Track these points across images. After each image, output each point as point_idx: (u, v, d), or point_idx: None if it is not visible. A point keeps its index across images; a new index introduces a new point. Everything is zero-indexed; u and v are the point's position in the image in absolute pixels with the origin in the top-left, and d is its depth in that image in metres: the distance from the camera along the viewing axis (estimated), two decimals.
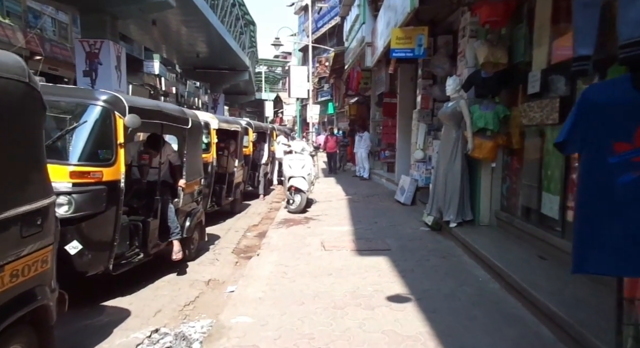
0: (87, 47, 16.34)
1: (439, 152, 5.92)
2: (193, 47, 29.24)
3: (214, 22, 24.57)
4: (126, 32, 25.68)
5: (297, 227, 6.48)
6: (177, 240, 4.42)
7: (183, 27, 24.38)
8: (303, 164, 7.73)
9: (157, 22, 21.77)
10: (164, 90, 40.44)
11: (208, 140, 6.47)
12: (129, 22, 22.24)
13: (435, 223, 6.12)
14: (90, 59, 16.44)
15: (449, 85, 5.62)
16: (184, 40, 27.62)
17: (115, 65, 16.92)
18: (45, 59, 20.70)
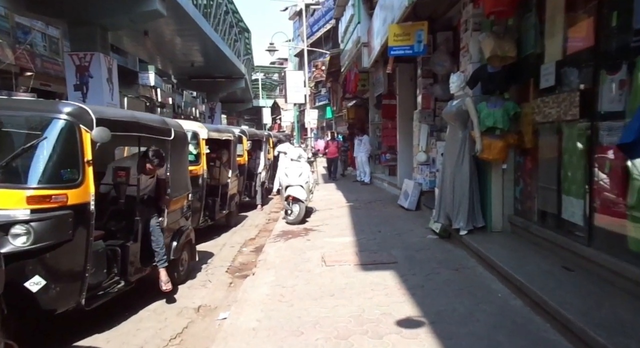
0: (77, 60, 16.04)
1: (444, 155, 5.52)
2: (187, 56, 29.02)
3: (208, 31, 24.30)
4: (119, 44, 25.45)
5: (296, 240, 6.07)
6: (164, 268, 4.00)
7: (177, 37, 24.14)
8: (300, 171, 7.33)
9: (150, 33, 21.51)
10: (160, 101, 40.15)
11: (197, 151, 6.07)
12: (121, 34, 22.02)
13: (443, 231, 5.71)
14: (80, 73, 16.13)
15: (453, 82, 5.23)
16: (178, 50, 27.40)
17: (107, 77, 16.61)
18: (37, 74, 20.40)
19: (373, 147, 13.42)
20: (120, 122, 3.45)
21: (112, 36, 22.68)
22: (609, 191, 3.37)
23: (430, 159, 8.25)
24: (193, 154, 6.05)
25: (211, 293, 4.44)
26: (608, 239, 3.37)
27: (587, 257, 3.52)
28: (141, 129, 3.72)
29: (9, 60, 19.57)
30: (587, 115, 3.53)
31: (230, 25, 34.04)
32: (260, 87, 61.77)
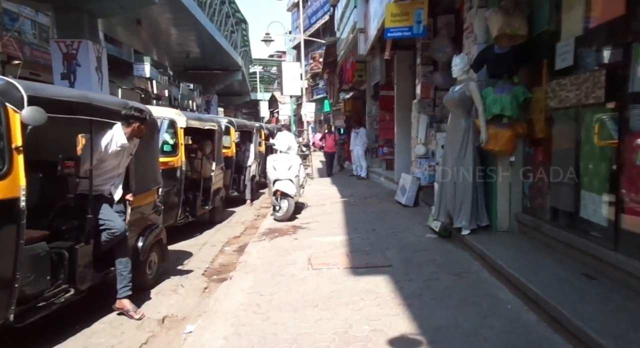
0: (64, 47, 15.42)
1: (445, 146, 4.99)
2: (183, 47, 28.43)
3: (203, 20, 23.69)
4: (114, 34, 24.86)
5: (283, 239, 5.56)
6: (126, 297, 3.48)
7: (171, 27, 23.54)
8: (289, 164, 6.80)
9: (144, 22, 20.90)
10: (155, 93, 39.55)
11: (174, 141, 5.54)
12: (115, 23, 21.42)
13: (443, 230, 5.20)
14: (67, 61, 15.52)
15: (456, 65, 4.70)
16: (173, 40, 26.81)
17: (96, 66, 15.99)
18: (26, 63, 19.80)
19: (370, 140, 12.90)
20: (65, 102, 2.91)
21: (105, 25, 22.20)
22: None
23: (429, 151, 7.73)
24: (170, 144, 5.52)
25: (182, 300, 3.93)
26: (639, 242, 2.86)
27: (612, 263, 3.01)
28: (94, 111, 3.18)
29: None
30: (615, 97, 3.01)
31: (226, 15, 33.37)
32: (258, 80, 61.11)
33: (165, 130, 5.51)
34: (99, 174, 3.39)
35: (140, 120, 3.49)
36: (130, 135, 3.48)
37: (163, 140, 5.46)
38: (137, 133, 3.53)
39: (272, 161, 6.88)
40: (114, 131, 3.39)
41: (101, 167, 3.39)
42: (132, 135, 3.50)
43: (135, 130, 3.49)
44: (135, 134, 3.52)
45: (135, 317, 3.43)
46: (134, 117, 3.45)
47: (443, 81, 7.62)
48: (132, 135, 3.50)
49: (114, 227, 3.38)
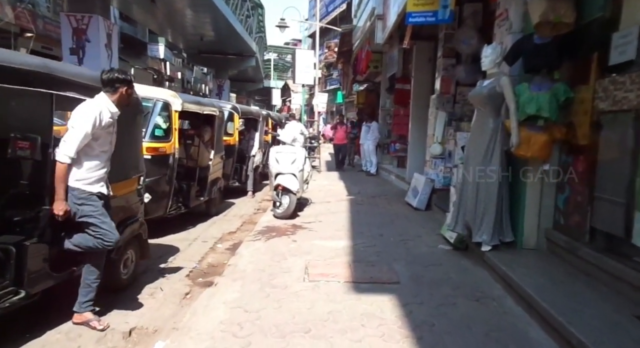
0: (74, 22, 15.08)
1: (467, 148, 4.41)
2: (197, 29, 27.92)
3: (217, 1, 23.06)
4: (129, 12, 24.43)
5: (280, 240, 5.05)
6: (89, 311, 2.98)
7: (186, 7, 23.00)
8: (294, 157, 6.26)
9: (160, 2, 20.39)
10: (168, 75, 39.25)
11: (168, 125, 5.02)
12: (130, 1, 20.95)
13: (459, 241, 4.64)
14: (77, 36, 15.18)
15: (487, 56, 4.10)
16: (188, 22, 26.29)
17: (105, 43, 15.62)
18: (38, 36, 19.44)
19: (382, 135, 12.30)
20: (18, 70, 2.39)
21: (121, 3, 21.72)
22: None
23: (446, 151, 7.14)
24: (162, 128, 5.00)
25: (157, 308, 3.43)
26: None
27: None
28: (57, 84, 2.66)
29: (8, 18, 18.63)
30: None
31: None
32: (272, 68, 60.48)
33: (158, 113, 4.99)
34: (91, 160, 2.87)
35: (127, 82, 3.01)
36: (119, 102, 2.99)
37: (155, 124, 4.95)
38: (125, 99, 3.05)
39: (275, 153, 6.34)
40: (98, 101, 2.88)
41: (92, 152, 2.86)
42: (121, 102, 3.01)
43: (124, 96, 3.01)
44: (124, 100, 3.03)
45: (98, 327, 2.94)
46: (119, 80, 2.95)
47: (466, 75, 7.01)
48: (120, 103, 3.01)
49: (109, 239, 2.92)
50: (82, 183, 2.84)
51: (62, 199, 2.74)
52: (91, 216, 2.88)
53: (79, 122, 2.74)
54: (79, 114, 2.78)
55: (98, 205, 2.93)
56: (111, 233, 2.95)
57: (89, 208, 2.87)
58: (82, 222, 2.87)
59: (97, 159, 2.91)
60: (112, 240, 2.95)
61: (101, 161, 2.94)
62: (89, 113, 2.78)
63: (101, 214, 2.93)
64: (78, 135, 2.72)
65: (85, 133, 2.74)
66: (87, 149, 2.82)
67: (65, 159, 2.71)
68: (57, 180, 2.72)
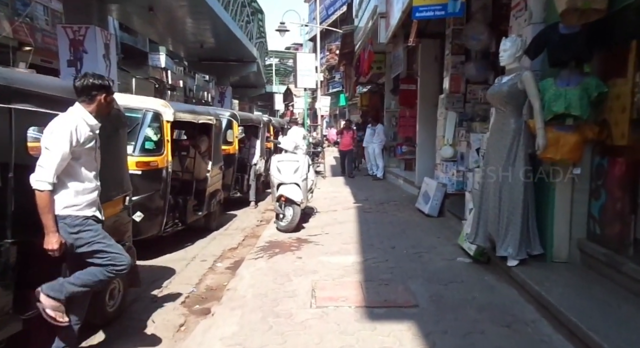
0: (71, 33, 14.92)
1: (487, 152, 4.01)
2: (197, 36, 27.75)
3: (216, 8, 22.86)
4: (129, 23, 24.31)
5: (284, 257, 4.66)
6: None
7: (185, 15, 22.81)
8: (296, 166, 5.88)
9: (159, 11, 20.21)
10: (170, 84, 39.18)
11: (159, 137, 4.66)
12: (130, 12, 20.81)
13: (479, 253, 4.24)
14: (74, 47, 15.01)
15: (505, 49, 3.70)
16: (187, 29, 26.13)
17: (103, 53, 15.43)
18: (38, 50, 19.36)
19: (388, 138, 11.90)
20: None
21: (121, 14, 21.59)
22: None
23: (457, 154, 6.74)
24: (153, 140, 4.65)
25: (146, 344, 3.05)
26: None
27: None
28: (15, 97, 2.30)
29: (5, 32, 18.54)
30: None
31: (242, 4, 32.54)
32: (273, 73, 60.36)
33: (149, 125, 4.64)
34: (78, 182, 2.50)
35: (105, 88, 2.58)
36: (98, 112, 2.58)
37: (145, 136, 4.59)
38: (105, 108, 2.62)
39: (276, 162, 5.97)
40: (73, 114, 2.48)
41: (75, 174, 2.49)
42: (100, 112, 2.60)
43: (103, 104, 2.59)
44: (103, 109, 2.61)
45: None
46: (95, 86, 2.53)
47: (476, 73, 6.63)
48: (99, 113, 2.59)
49: (121, 262, 2.56)
50: (73, 210, 2.47)
51: (54, 231, 2.35)
52: (93, 242, 2.50)
53: (52, 141, 2.35)
54: (51, 132, 2.38)
55: (98, 229, 2.56)
56: (122, 256, 2.58)
57: (89, 234, 2.50)
58: (84, 253, 2.49)
59: (83, 180, 2.53)
60: (124, 263, 2.57)
61: (89, 182, 2.56)
62: (62, 130, 2.37)
63: (104, 237, 2.56)
64: (54, 157, 2.33)
65: (61, 154, 2.34)
66: (69, 170, 2.44)
67: (43, 185, 2.32)
68: (42, 211, 2.33)
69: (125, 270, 2.61)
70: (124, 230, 3.47)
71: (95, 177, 2.63)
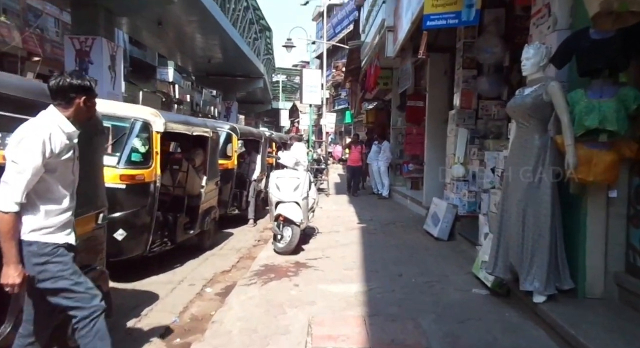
0: (78, 44, 14.96)
1: (507, 171, 3.58)
2: (205, 52, 27.96)
3: (225, 25, 23.04)
4: (139, 37, 24.50)
5: (279, 284, 4.21)
6: None
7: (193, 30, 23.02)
8: (297, 183, 5.48)
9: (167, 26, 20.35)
10: (177, 98, 39.34)
11: (147, 148, 4.29)
12: (140, 26, 20.93)
13: (498, 285, 3.78)
14: (80, 58, 15.01)
15: (528, 58, 3.31)
16: (196, 44, 26.36)
17: (109, 65, 15.39)
18: (46, 60, 19.43)
19: (394, 156, 11.52)
20: None
21: (130, 28, 21.74)
22: None
23: (469, 173, 6.32)
24: (141, 152, 4.27)
25: None
26: None
27: None
28: None
29: (14, 42, 18.62)
30: None
31: (250, 22, 32.83)
32: (280, 89, 60.74)
33: (136, 135, 4.27)
34: (50, 201, 2.10)
35: (85, 90, 2.16)
36: (76, 117, 2.17)
37: (132, 147, 4.22)
38: (85, 113, 2.21)
39: (275, 178, 5.57)
40: (46, 120, 2.08)
41: (48, 190, 2.09)
42: (79, 117, 2.19)
43: (82, 109, 2.17)
44: (83, 114, 2.20)
45: None
46: (73, 87, 2.12)
47: (489, 88, 6.27)
48: (78, 118, 2.18)
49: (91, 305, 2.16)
50: (41, 234, 2.05)
51: (15, 262, 1.94)
52: (60, 277, 2.08)
53: (21, 153, 1.95)
54: (19, 141, 1.98)
55: (68, 261, 2.13)
56: (91, 296, 2.16)
57: (57, 268, 2.08)
58: (47, 289, 2.08)
59: (57, 198, 2.13)
60: (94, 307, 2.15)
61: (64, 200, 2.16)
62: (33, 139, 1.98)
63: (73, 273, 2.14)
64: (23, 172, 1.93)
65: (32, 167, 1.95)
66: (40, 186, 2.04)
67: (8, 206, 1.91)
68: (3, 237, 1.93)
69: (96, 315, 2.17)
70: (95, 252, 3.06)
71: (71, 194, 2.22)
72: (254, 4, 33.22)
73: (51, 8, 21.02)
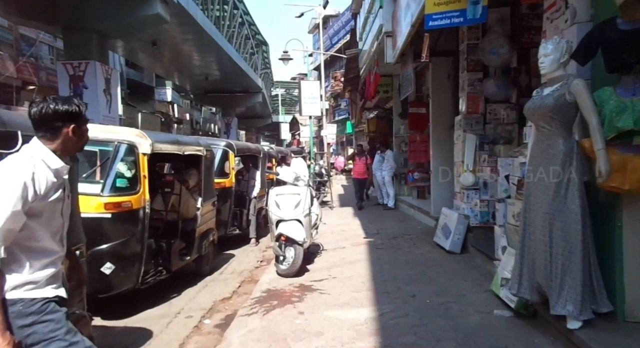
0: (71, 69, 14.78)
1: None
2: (202, 69, 27.88)
3: (220, 41, 22.91)
4: (135, 59, 24.45)
5: (282, 313, 3.85)
6: None
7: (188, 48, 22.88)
8: (297, 200, 5.15)
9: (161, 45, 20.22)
10: (176, 117, 39.27)
11: (133, 172, 3.97)
12: (136, 48, 20.86)
13: (523, 307, 3.41)
14: (74, 83, 14.80)
15: (547, 54, 2.99)
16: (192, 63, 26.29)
17: (104, 88, 15.18)
18: (42, 88, 19.36)
19: (398, 165, 11.18)
20: None
21: (126, 51, 21.67)
22: None
23: (479, 181, 5.99)
24: (127, 177, 3.96)
25: None
26: None
27: None
28: None
29: (9, 72, 18.60)
30: None
31: (246, 37, 32.84)
32: (279, 103, 60.77)
33: (121, 159, 3.96)
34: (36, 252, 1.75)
35: (74, 117, 1.80)
36: (64, 149, 1.81)
37: (117, 173, 3.91)
38: (76, 143, 1.84)
39: (274, 195, 5.24)
40: (27, 155, 1.73)
41: (33, 239, 1.74)
42: (68, 149, 1.82)
43: (71, 139, 1.80)
44: (72, 145, 1.83)
45: None
46: (59, 115, 1.76)
47: (497, 90, 5.96)
48: (67, 150, 1.82)
49: None
50: (27, 291, 1.72)
51: (2, 329, 1.60)
52: (53, 339, 1.71)
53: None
54: None
55: (60, 319, 1.77)
56: None
57: (47, 328, 1.72)
58: None
59: (43, 247, 1.77)
60: None
61: (51, 248, 1.80)
62: (12, 180, 1.64)
63: (68, 332, 1.76)
64: (0, 221, 1.59)
65: (10, 214, 1.61)
66: (24, 235, 1.69)
67: None
68: None
69: None
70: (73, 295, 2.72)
71: (60, 240, 1.86)
72: (249, 19, 33.26)
73: (45, 36, 20.98)
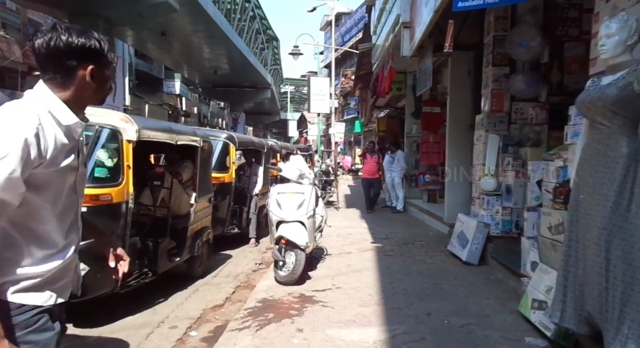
0: None
1: (578, 187, 2.70)
2: (211, 62, 27.56)
3: (230, 34, 22.53)
4: (144, 50, 24.15)
5: (278, 328, 3.35)
6: None
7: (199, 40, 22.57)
8: (301, 199, 4.64)
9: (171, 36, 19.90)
10: (184, 110, 39.00)
11: (115, 161, 3.49)
12: (145, 39, 20.56)
13: (562, 337, 2.88)
14: None
15: (609, 36, 2.45)
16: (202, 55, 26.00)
17: None
18: None
19: (409, 166, 10.66)
20: None
21: (136, 41, 21.33)
22: None
23: (502, 186, 5.45)
24: (107, 166, 3.48)
25: None
26: None
27: None
28: None
29: (14, 56, 18.29)
30: None
31: (257, 32, 32.43)
32: (288, 100, 60.41)
33: (102, 146, 3.49)
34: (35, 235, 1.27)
35: (94, 54, 1.32)
36: (79, 99, 1.34)
37: (96, 161, 3.43)
38: (96, 91, 1.36)
39: (276, 194, 4.74)
40: (31, 103, 1.27)
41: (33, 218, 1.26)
42: (85, 99, 1.36)
43: (89, 85, 1.33)
44: (92, 93, 1.36)
45: None
46: (74, 50, 1.28)
47: (525, 87, 5.42)
48: (84, 101, 1.36)
49: None
50: (15, 292, 1.25)
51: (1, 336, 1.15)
52: None
53: None
54: None
55: (47, 344, 1.30)
56: None
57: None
58: None
59: (50, 232, 1.30)
60: None
61: (60, 235, 1.33)
62: (8, 136, 1.17)
63: None
64: None
65: (5, 181, 1.14)
66: (23, 212, 1.24)
67: None
68: None
69: None
70: None
71: (72, 223, 1.39)
72: (260, 13, 32.85)
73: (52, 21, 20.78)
